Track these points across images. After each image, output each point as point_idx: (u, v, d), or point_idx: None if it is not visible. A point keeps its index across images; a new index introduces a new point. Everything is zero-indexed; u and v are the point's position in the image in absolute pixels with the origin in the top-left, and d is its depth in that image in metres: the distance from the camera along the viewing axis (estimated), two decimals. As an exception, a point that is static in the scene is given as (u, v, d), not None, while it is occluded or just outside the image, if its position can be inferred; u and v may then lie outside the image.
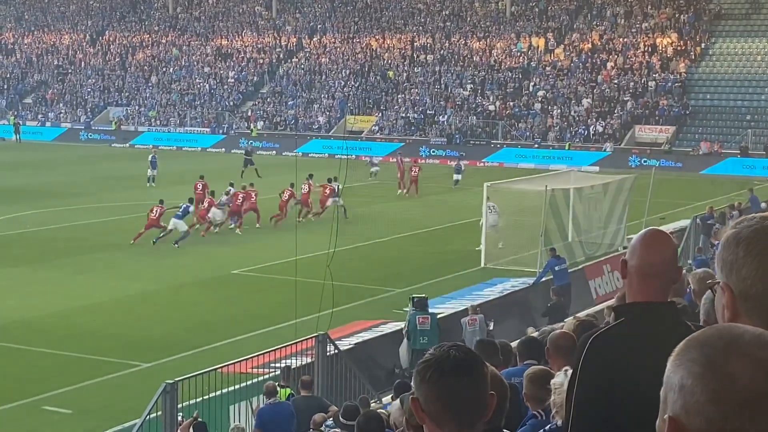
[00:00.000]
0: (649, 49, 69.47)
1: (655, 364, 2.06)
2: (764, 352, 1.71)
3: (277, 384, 15.00)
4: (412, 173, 44.52)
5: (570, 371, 5.86)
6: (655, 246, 3.74)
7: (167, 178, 48.39)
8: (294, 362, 16.63)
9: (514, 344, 10.54)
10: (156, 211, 33.02)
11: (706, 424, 1.69)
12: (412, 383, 3.01)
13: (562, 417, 5.31)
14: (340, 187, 36.21)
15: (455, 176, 48.07)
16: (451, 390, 2.67)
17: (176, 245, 32.21)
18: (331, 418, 13.49)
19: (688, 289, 8.40)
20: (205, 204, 35.45)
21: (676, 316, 3.75)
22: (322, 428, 12.64)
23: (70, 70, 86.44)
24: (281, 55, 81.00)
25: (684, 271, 9.92)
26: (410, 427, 3.92)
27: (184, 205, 33.34)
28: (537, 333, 9.71)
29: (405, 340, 20.05)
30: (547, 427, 5.32)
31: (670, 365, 1.76)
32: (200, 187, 37.45)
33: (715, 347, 1.73)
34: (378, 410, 10.14)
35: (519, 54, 73.06)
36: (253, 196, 35.92)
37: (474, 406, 2.71)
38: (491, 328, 20.54)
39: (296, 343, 17.00)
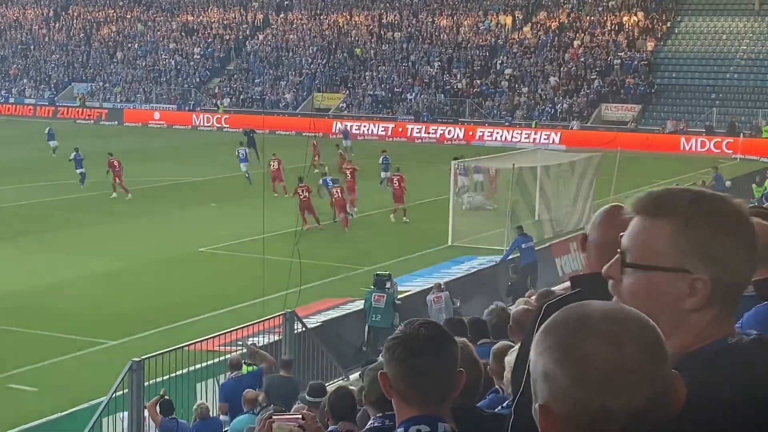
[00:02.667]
0: (616, 28, 69.69)
1: None
2: (614, 326, 1.75)
3: (243, 362, 15.00)
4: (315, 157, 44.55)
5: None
6: (611, 222, 3.79)
7: (134, 156, 47.96)
8: (261, 340, 16.62)
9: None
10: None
11: (572, 407, 1.73)
12: (380, 358, 3.01)
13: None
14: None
15: (476, 176, 38.99)
16: (420, 368, 2.68)
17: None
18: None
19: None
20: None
21: None
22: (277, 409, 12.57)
23: (33, 46, 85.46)
24: (248, 32, 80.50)
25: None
26: (368, 402, 3.92)
27: None
28: (486, 312, 9.78)
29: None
30: (505, 403, 5.34)
31: (533, 353, 1.80)
32: (117, 165, 37.42)
33: (568, 330, 1.76)
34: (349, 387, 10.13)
35: (486, 32, 73.04)
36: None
37: (442, 384, 2.72)
38: (457, 305, 20.62)
39: (264, 320, 16.98)
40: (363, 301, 20.96)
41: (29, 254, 27.86)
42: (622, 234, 3.92)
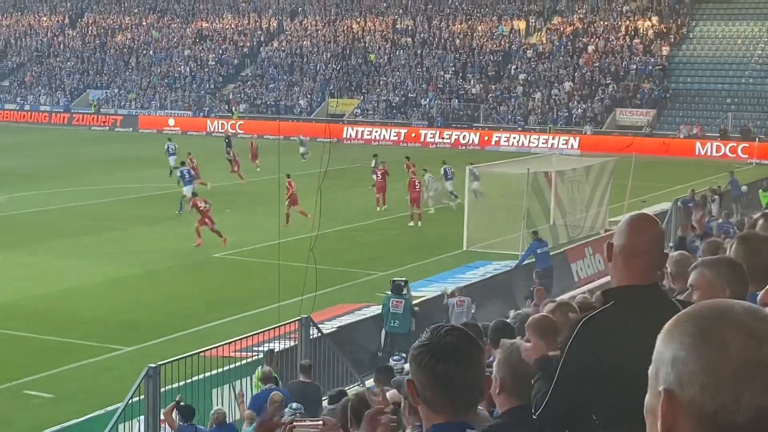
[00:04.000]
0: (631, 33, 69.55)
1: (646, 345, 2.05)
2: (757, 323, 1.72)
3: (260, 367, 14.97)
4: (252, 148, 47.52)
5: None
6: (641, 228, 3.80)
7: (149, 162, 48.11)
8: (277, 346, 16.60)
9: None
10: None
11: (699, 394, 1.69)
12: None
13: None
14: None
15: (474, 184, 35.33)
16: (447, 376, 2.65)
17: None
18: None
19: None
20: None
21: (664, 296, 3.79)
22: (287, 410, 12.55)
23: (48, 53, 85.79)
24: (262, 38, 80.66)
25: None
26: (411, 412, 3.89)
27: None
28: (511, 317, 9.65)
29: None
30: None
31: (661, 340, 1.77)
32: None
33: (707, 318, 1.74)
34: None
35: (500, 37, 73.00)
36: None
37: (470, 391, 2.69)
38: (473, 311, 20.59)
39: (279, 326, 16.96)
40: (378, 306, 20.93)
41: (45, 260, 27.92)
42: (648, 239, 3.87)
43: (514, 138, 61.38)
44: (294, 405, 12.65)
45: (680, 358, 1.72)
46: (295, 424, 4.00)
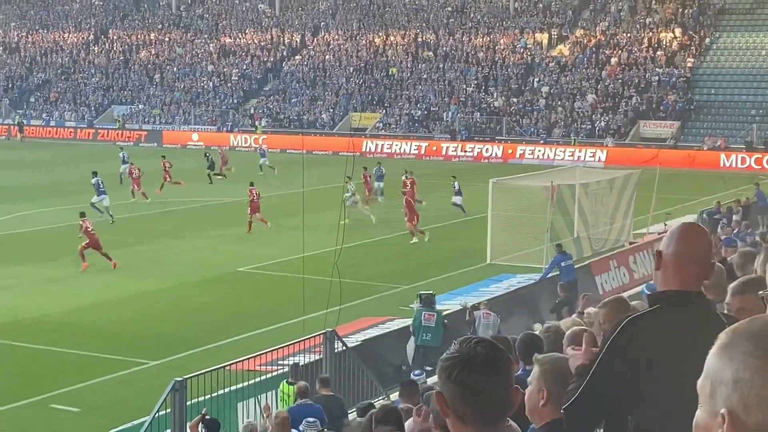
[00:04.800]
0: (654, 44, 69.35)
1: (691, 351, 2.05)
2: None
3: (285, 381, 15.00)
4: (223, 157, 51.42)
5: None
6: (691, 236, 3.85)
7: (173, 176, 48.27)
8: (302, 359, 16.63)
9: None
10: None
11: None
12: (437, 378, 3.00)
13: None
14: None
15: (455, 198, 38.94)
16: (478, 388, 2.65)
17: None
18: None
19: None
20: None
21: (709, 306, 3.81)
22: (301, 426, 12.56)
23: (73, 69, 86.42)
24: (285, 53, 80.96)
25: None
26: (438, 427, 3.89)
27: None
28: (542, 329, 9.52)
29: (412, 336, 20.12)
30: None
31: (719, 358, 1.72)
32: None
33: None
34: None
35: (523, 50, 72.95)
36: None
37: (500, 403, 2.70)
38: (498, 323, 20.58)
39: (304, 340, 17.00)
40: (402, 319, 20.92)
41: (71, 275, 28.09)
42: (698, 247, 3.88)
43: (539, 151, 61.22)
44: (310, 419, 12.66)
45: (744, 379, 1.67)
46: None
